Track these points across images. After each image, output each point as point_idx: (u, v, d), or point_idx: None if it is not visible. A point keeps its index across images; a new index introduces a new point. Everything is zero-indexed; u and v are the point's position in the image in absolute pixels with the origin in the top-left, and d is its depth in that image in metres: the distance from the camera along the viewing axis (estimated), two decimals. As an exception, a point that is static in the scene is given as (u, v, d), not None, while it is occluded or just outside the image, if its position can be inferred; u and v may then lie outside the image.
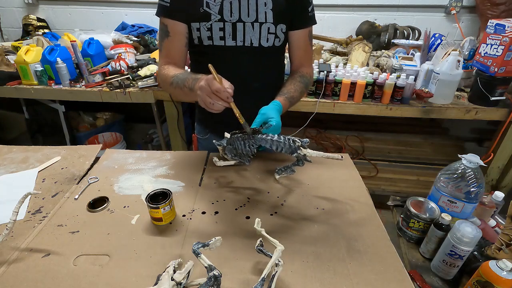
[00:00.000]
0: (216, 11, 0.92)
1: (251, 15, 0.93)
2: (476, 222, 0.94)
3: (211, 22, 0.93)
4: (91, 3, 2.56)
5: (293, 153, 0.84)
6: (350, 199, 0.92)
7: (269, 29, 0.96)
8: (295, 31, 1.02)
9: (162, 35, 0.99)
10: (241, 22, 0.94)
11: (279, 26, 0.96)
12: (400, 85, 1.64)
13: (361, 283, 0.66)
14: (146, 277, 0.66)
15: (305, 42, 1.06)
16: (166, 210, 0.79)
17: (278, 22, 0.96)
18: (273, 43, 0.99)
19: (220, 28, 0.94)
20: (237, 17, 0.93)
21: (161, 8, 0.95)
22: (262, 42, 0.97)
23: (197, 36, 0.96)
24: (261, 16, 0.94)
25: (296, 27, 1.01)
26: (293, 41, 1.04)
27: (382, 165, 2.19)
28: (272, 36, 0.97)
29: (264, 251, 0.68)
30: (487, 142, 2.04)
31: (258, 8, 0.93)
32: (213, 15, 0.92)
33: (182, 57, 1.03)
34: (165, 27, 0.97)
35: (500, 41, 1.49)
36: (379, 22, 2.34)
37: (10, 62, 2.05)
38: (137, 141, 2.71)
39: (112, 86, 1.84)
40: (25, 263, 0.70)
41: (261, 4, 0.93)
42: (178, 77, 0.94)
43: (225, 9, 0.92)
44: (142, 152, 1.16)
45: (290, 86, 1.01)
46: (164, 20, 0.97)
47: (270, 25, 0.95)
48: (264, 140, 0.83)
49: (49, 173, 1.03)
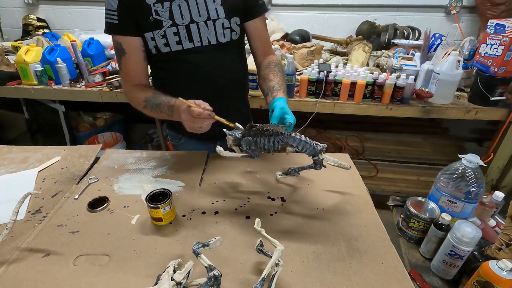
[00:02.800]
0: (167, 16, 0.90)
1: (202, 14, 0.93)
2: (476, 222, 0.94)
3: (164, 28, 0.91)
4: (91, 3, 2.56)
5: (315, 156, 0.83)
6: (350, 199, 0.92)
7: (223, 25, 0.96)
8: (251, 21, 1.02)
9: (119, 53, 0.96)
10: (194, 23, 0.93)
11: (232, 20, 0.97)
12: (400, 85, 1.64)
13: (361, 283, 0.66)
14: (146, 277, 0.66)
15: (263, 30, 1.06)
16: (166, 210, 0.79)
17: (231, 16, 0.96)
18: (231, 37, 0.99)
19: (174, 33, 0.92)
20: (189, 19, 0.92)
21: (110, 26, 0.92)
22: (219, 38, 0.97)
23: (153, 46, 0.94)
24: (212, 13, 0.93)
25: (250, 16, 1.01)
26: (251, 31, 1.05)
27: (382, 165, 2.19)
28: (228, 30, 0.97)
29: (264, 251, 0.68)
30: (487, 142, 2.04)
31: (208, 6, 0.93)
32: (164, 21, 0.91)
33: (143, 72, 1.00)
34: (119, 44, 0.94)
35: (500, 41, 1.49)
36: (379, 22, 2.34)
37: (10, 62, 2.05)
38: (137, 141, 2.71)
39: (112, 86, 1.84)
40: (25, 263, 0.70)
41: (209, 1, 0.92)
42: (150, 101, 0.94)
43: (175, 13, 0.91)
44: (142, 152, 1.16)
45: (276, 79, 0.98)
46: (116, 38, 0.94)
47: (223, 20, 0.95)
48: (293, 138, 0.80)
49: (49, 173, 1.03)
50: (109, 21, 0.91)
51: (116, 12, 0.88)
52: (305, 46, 1.99)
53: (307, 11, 2.45)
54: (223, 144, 1.19)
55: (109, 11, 0.89)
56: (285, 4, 2.43)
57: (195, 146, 1.19)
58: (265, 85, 0.99)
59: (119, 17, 0.89)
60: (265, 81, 1.00)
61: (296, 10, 2.45)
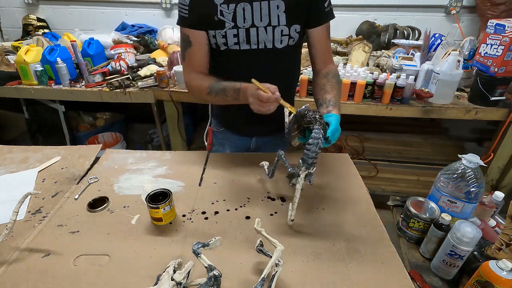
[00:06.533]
0: (230, 18, 0.93)
1: (264, 19, 0.93)
2: (476, 222, 0.94)
3: (225, 29, 0.94)
4: (91, 3, 2.56)
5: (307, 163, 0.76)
6: (350, 199, 0.92)
7: (282, 32, 0.96)
8: (314, 28, 1.00)
9: (185, 44, 1.00)
10: (254, 27, 0.94)
11: (293, 27, 0.96)
12: (400, 85, 1.64)
13: (361, 283, 0.66)
14: (146, 277, 0.66)
15: (325, 38, 1.04)
16: (166, 210, 0.79)
17: (291, 24, 0.95)
18: (287, 43, 0.99)
19: (234, 35, 0.95)
20: (250, 23, 0.94)
21: (181, 18, 0.97)
22: (276, 44, 0.98)
23: (214, 42, 0.98)
24: (273, 20, 0.94)
25: (313, 24, 1.00)
26: (312, 38, 1.03)
27: (382, 165, 2.19)
28: (286, 37, 0.97)
29: (264, 251, 0.68)
30: (487, 142, 2.04)
31: (271, 12, 0.93)
32: (227, 22, 0.93)
33: (205, 64, 1.04)
34: (187, 37, 0.98)
35: (500, 41, 1.49)
36: (379, 22, 2.34)
37: (10, 62, 2.05)
38: (137, 141, 2.71)
39: (112, 86, 1.84)
40: (25, 263, 0.70)
41: (273, 7, 0.93)
42: (215, 87, 0.97)
43: (239, 16, 0.93)
44: (142, 152, 1.16)
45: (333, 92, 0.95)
46: (184, 30, 0.98)
47: (283, 28, 0.95)
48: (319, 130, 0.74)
49: (49, 173, 1.03)
50: (181, 14, 0.96)
51: (187, 7, 0.93)
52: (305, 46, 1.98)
53: (307, 11, 2.44)
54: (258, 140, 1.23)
55: (181, 5, 0.94)
56: (285, 4, 2.42)
57: (232, 137, 1.23)
58: (320, 95, 0.97)
59: (189, 11, 0.93)
60: (321, 91, 0.98)
61: (296, 10, 2.45)
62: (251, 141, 1.23)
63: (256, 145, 1.24)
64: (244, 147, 1.24)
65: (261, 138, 1.23)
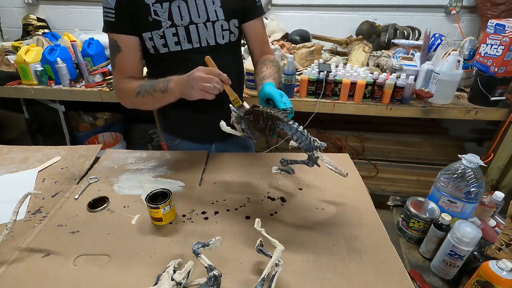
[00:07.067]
0: (166, 17, 0.90)
1: (202, 15, 0.93)
2: (476, 222, 0.94)
3: (163, 29, 0.91)
4: (91, 3, 2.56)
5: (309, 151, 0.79)
6: (350, 199, 0.92)
7: (222, 26, 0.96)
8: (249, 22, 1.03)
9: (113, 50, 0.94)
10: (193, 24, 0.93)
11: (231, 22, 0.97)
12: (400, 85, 1.64)
13: (361, 283, 0.66)
14: (146, 277, 0.66)
15: (262, 31, 1.07)
16: (166, 210, 0.79)
17: (230, 18, 0.96)
18: (229, 38, 0.99)
19: (173, 34, 0.93)
20: (188, 20, 0.92)
21: (108, 24, 0.91)
22: (218, 40, 0.98)
23: (152, 46, 0.94)
24: (211, 15, 0.94)
25: (249, 18, 1.02)
26: (249, 32, 1.05)
27: (382, 165, 2.19)
28: (227, 32, 0.98)
29: (264, 251, 0.68)
30: (487, 142, 2.04)
31: (207, 8, 0.93)
32: (163, 21, 0.91)
33: (137, 70, 0.99)
34: (115, 42, 0.93)
35: (500, 41, 1.49)
36: (379, 22, 2.34)
37: (10, 62, 2.05)
38: (137, 141, 2.71)
39: (112, 86, 1.84)
40: (25, 263, 0.70)
41: (209, 3, 0.93)
42: (144, 85, 0.92)
43: (175, 14, 0.91)
44: (142, 152, 1.16)
45: (268, 70, 0.96)
46: (112, 36, 0.92)
47: (222, 22, 0.96)
48: (289, 126, 0.76)
49: (49, 173, 1.03)
50: (106, 19, 0.91)
51: (113, 10, 0.88)
52: (305, 46, 1.98)
53: (307, 11, 2.45)
54: (218, 146, 1.20)
55: (106, 9, 0.89)
56: (285, 4, 2.43)
57: (191, 147, 1.19)
58: (257, 77, 0.99)
59: (116, 15, 0.89)
60: (257, 75, 1.00)
61: (296, 10, 2.45)
62: (211, 147, 1.20)
63: (218, 150, 1.21)
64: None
65: (221, 143, 1.20)
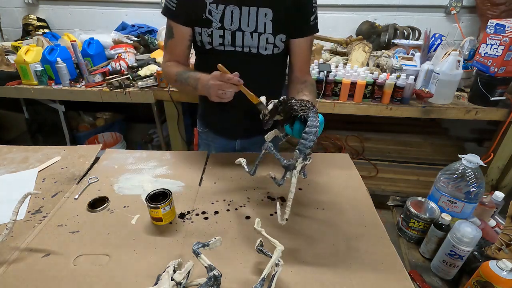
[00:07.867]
0: (218, 19, 0.94)
1: (251, 25, 0.95)
2: (476, 222, 0.94)
3: (212, 28, 0.95)
4: (91, 3, 2.56)
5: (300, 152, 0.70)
6: (350, 199, 0.92)
7: (267, 39, 0.97)
8: (297, 39, 1.02)
9: (168, 34, 1.02)
10: (240, 31, 0.95)
11: (278, 36, 0.97)
12: (400, 85, 1.64)
13: (361, 283, 0.66)
14: (146, 277, 0.66)
15: (307, 50, 1.06)
16: (166, 210, 0.79)
17: (277, 33, 0.97)
18: (272, 51, 1.00)
19: (220, 35, 0.96)
20: (237, 26, 0.95)
21: (167, 9, 0.97)
22: (260, 50, 0.99)
23: (199, 40, 0.99)
24: (260, 27, 0.95)
25: (297, 35, 1.01)
26: (294, 48, 1.04)
27: (382, 165, 2.19)
28: (271, 46, 0.98)
29: (264, 251, 0.68)
30: (487, 142, 2.04)
31: (258, 19, 0.94)
32: (214, 22, 0.94)
33: (184, 57, 1.07)
34: (171, 28, 1.00)
35: (500, 41, 1.49)
36: (379, 22, 2.34)
37: (10, 62, 2.05)
38: (137, 141, 2.71)
39: (112, 86, 1.84)
40: (25, 263, 0.70)
41: (261, 14, 0.94)
42: (181, 75, 0.99)
43: (226, 18, 0.94)
44: (142, 152, 1.16)
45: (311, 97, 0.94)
46: (169, 22, 1.00)
47: (268, 36, 0.96)
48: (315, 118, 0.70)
49: (49, 173, 1.03)
50: (167, 5, 0.96)
51: (176, 0, 0.94)
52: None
53: (307, 11, 2.44)
54: (242, 142, 1.22)
55: None
56: (285, 4, 2.42)
57: (216, 138, 1.23)
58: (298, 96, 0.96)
59: (177, 5, 0.95)
60: (298, 94, 0.97)
61: (296, 10, 2.45)
62: (236, 143, 1.22)
63: (242, 147, 1.23)
64: (229, 149, 1.23)
65: (245, 140, 1.22)
